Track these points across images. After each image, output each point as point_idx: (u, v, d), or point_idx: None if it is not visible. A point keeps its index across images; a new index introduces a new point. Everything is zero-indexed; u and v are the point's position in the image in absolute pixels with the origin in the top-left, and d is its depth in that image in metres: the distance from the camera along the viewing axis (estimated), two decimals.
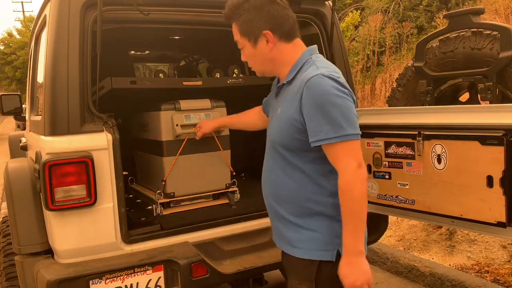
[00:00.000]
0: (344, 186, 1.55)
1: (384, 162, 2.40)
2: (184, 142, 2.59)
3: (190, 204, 2.72)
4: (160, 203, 2.60)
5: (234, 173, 2.79)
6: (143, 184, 3.08)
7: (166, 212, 2.62)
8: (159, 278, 2.23)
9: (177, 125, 2.57)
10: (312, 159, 1.65)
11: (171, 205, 2.68)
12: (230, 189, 2.78)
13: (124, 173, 2.26)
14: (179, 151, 2.59)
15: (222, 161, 2.73)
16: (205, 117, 2.65)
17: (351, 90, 1.63)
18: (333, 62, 2.79)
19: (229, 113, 2.71)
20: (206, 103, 2.70)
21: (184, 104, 2.63)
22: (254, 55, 1.75)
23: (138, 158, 3.12)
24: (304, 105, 1.58)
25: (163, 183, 2.60)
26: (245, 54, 1.79)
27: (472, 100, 2.91)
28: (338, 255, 1.63)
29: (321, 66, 1.64)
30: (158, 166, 2.69)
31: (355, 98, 1.66)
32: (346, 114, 1.55)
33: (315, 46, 1.79)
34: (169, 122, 2.59)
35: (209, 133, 2.58)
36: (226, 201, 2.79)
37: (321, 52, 2.83)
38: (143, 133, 2.89)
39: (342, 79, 1.62)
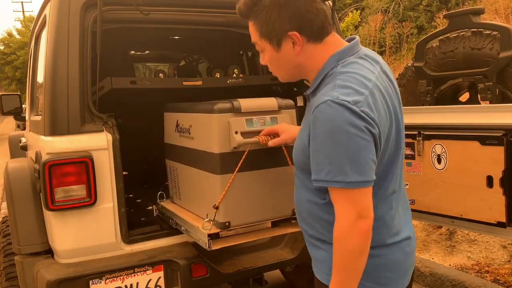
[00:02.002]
0: (337, 234, 1.33)
1: None
2: (244, 155, 2.00)
3: (244, 234, 2.11)
4: (209, 235, 2.01)
5: None
6: (181, 205, 2.48)
7: (216, 246, 2.02)
8: (159, 278, 2.22)
9: (236, 132, 1.99)
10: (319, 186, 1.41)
11: (221, 235, 2.06)
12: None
13: (124, 173, 2.26)
14: (238, 167, 2.01)
15: (290, 180, 2.01)
16: (270, 121, 2.07)
17: (372, 118, 1.28)
18: None
19: None
20: (272, 102, 2.12)
21: (244, 104, 2.04)
22: (277, 60, 1.47)
23: (173, 170, 2.52)
24: (311, 135, 1.35)
25: (215, 210, 2.02)
26: (266, 58, 1.50)
27: (472, 100, 2.91)
28: None
29: (339, 85, 1.32)
30: (207, 185, 2.12)
31: (376, 128, 1.30)
32: (353, 155, 1.27)
33: (352, 44, 1.44)
34: (225, 129, 2.00)
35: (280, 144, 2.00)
36: (289, 229, 2.18)
37: None
38: (183, 140, 2.32)
39: (364, 104, 1.27)
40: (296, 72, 1.49)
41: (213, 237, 2.00)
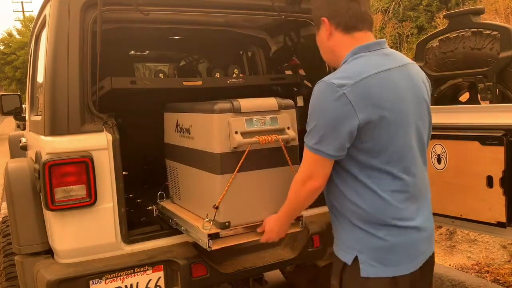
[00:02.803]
0: (293, 181, 1.72)
1: None
2: (244, 155, 2.02)
3: (244, 234, 2.12)
4: (209, 235, 2.03)
5: None
6: (181, 205, 2.48)
7: (216, 246, 2.04)
8: (159, 278, 2.23)
9: (236, 132, 2.01)
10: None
11: (221, 235, 2.07)
12: (298, 215, 2.15)
13: (124, 173, 2.26)
14: (238, 167, 2.03)
15: (289, 179, 2.04)
16: (270, 121, 2.09)
17: (352, 102, 1.50)
18: None
19: None
20: (272, 102, 2.13)
21: (244, 104, 2.06)
22: (319, 44, 1.79)
23: (173, 170, 2.53)
24: None
25: (215, 209, 2.04)
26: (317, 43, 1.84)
27: (472, 100, 2.91)
28: (356, 261, 1.62)
29: (340, 71, 1.62)
30: (207, 185, 2.13)
31: (354, 113, 1.51)
32: (322, 128, 1.56)
33: (375, 42, 1.67)
34: (225, 129, 2.01)
35: None
36: (290, 229, 2.12)
37: None
38: (183, 140, 2.33)
39: (349, 88, 1.50)
40: (330, 56, 1.77)
41: (213, 237, 2.01)
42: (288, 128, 2.12)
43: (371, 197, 1.58)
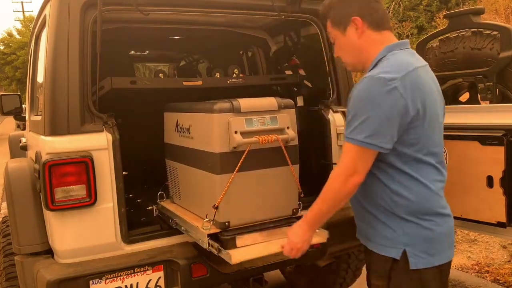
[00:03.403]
0: (332, 176, 1.67)
1: None
2: (244, 155, 2.01)
3: (264, 245, 2.09)
4: (209, 235, 2.03)
5: (302, 195, 2.25)
6: (180, 205, 2.48)
7: (236, 259, 1.99)
8: (159, 278, 2.22)
9: (235, 132, 2.00)
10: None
11: (221, 236, 2.06)
12: (298, 215, 2.21)
13: (124, 173, 2.26)
14: (237, 167, 2.02)
15: (289, 179, 2.17)
16: (270, 121, 2.09)
17: (417, 97, 1.58)
18: (333, 62, 2.80)
19: None
20: (271, 102, 2.13)
21: (244, 103, 2.05)
22: (344, 45, 1.78)
23: (173, 170, 2.52)
24: (348, 104, 1.67)
25: (215, 209, 2.04)
26: (337, 46, 1.82)
27: (472, 100, 2.91)
28: (404, 255, 1.65)
29: (384, 66, 1.64)
30: (207, 185, 2.13)
31: (405, 104, 1.56)
32: (375, 121, 1.56)
33: (406, 41, 1.77)
34: (225, 128, 2.00)
35: None
36: (315, 239, 2.06)
37: (321, 52, 2.84)
38: (183, 140, 2.32)
39: (399, 82, 1.55)
40: (358, 57, 1.77)
41: (229, 245, 1.99)
42: (288, 128, 2.12)
43: (418, 188, 1.64)
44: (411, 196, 1.64)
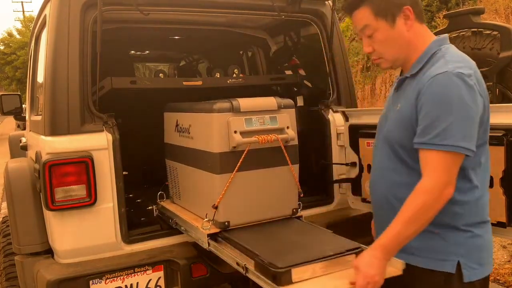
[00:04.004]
0: (420, 192, 1.41)
1: None
2: (243, 155, 2.00)
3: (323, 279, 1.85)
4: (209, 235, 2.02)
5: (302, 195, 2.24)
6: (180, 204, 2.47)
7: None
8: (159, 278, 2.22)
9: (235, 132, 1.99)
10: None
11: (219, 236, 2.05)
12: (298, 215, 2.22)
13: (124, 173, 2.26)
14: (237, 167, 2.01)
15: (288, 179, 2.16)
16: (270, 120, 2.07)
17: (479, 92, 1.44)
18: (333, 62, 2.80)
19: None
20: (271, 102, 2.11)
21: (244, 103, 2.04)
22: (391, 38, 1.56)
23: (173, 170, 2.52)
24: (421, 103, 1.45)
25: (214, 209, 2.03)
26: (377, 40, 1.58)
27: None
28: (458, 267, 1.50)
29: (452, 60, 1.46)
30: (207, 185, 2.12)
31: (482, 102, 1.46)
32: (464, 122, 1.39)
33: (447, 35, 1.61)
34: (225, 128, 2.00)
35: None
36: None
37: (321, 52, 2.84)
38: (183, 140, 2.31)
39: (474, 79, 1.43)
40: (404, 51, 1.58)
41: (283, 280, 1.54)
42: (288, 127, 2.11)
43: (477, 194, 1.52)
44: (470, 204, 1.50)
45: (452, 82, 1.40)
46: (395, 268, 1.52)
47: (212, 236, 2.02)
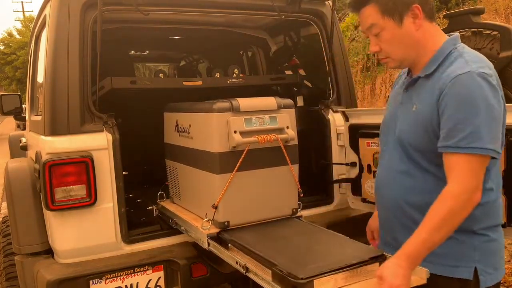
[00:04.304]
0: (448, 197, 1.36)
1: None
2: (243, 155, 2.00)
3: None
4: (208, 235, 2.02)
5: (302, 194, 2.23)
6: (180, 204, 2.47)
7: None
8: (159, 278, 2.22)
9: (235, 132, 1.99)
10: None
11: (219, 236, 2.04)
12: (298, 215, 2.22)
13: (124, 173, 2.26)
14: (237, 167, 2.01)
15: (288, 179, 2.16)
16: (269, 120, 2.07)
17: (501, 94, 1.42)
18: (333, 62, 2.80)
19: None
20: (271, 102, 2.11)
21: (243, 103, 2.04)
22: (398, 38, 1.51)
23: (173, 170, 2.52)
24: (443, 104, 1.40)
25: (214, 209, 2.03)
26: (384, 39, 1.53)
27: None
28: (475, 274, 1.46)
29: (471, 60, 1.43)
30: (207, 185, 2.12)
31: (502, 104, 1.43)
32: (491, 124, 1.35)
33: (458, 34, 1.58)
34: (224, 128, 2.00)
35: None
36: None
37: (321, 52, 2.84)
38: (183, 140, 2.31)
39: (495, 79, 1.42)
40: (413, 51, 1.53)
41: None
42: (287, 127, 2.11)
43: (493, 196, 1.49)
44: (487, 206, 1.46)
45: (476, 83, 1.36)
46: (419, 277, 1.44)
47: (212, 236, 2.01)
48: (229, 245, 1.93)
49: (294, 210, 2.19)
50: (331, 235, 1.96)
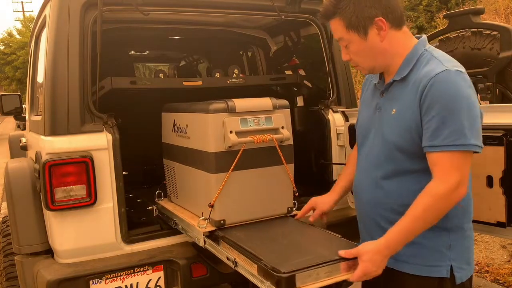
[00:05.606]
0: (432, 193, 1.41)
1: None
2: (239, 154, 2.03)
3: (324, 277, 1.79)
4: (205, 233, 2.05)
5: (297, 194, 2.26)
6: (178, 203, 2.49)
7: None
8: (159, 278, 2.23)
9: (230, 132, 2.02)
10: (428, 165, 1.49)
11: (215, 234, 2.06)
12: (293, 213, 2.24)
13: (124, 173, 2.26)
14: (232, 166, 2.05)
15: (284, 178, 2.19)
16: (265, 120, 2.10)
17: (474, 91, 1.46)
18: (333, 62, 2.80)
19: None
20: (266, 102, 2.15)
21: (239, 104, 2.08)
22: (365, 50, 1.55)
23: (170, 170, 2.56)
24: (425, 104, 1.42)
25: (210, 208, 2.05)
26: (352, 51, 1.58)
27: None
28: (451, 271, 1.51)
29: (444, 60, 1.48)
30: (203, 184, 2.15)
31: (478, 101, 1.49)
32: (473, 120, 1.39)
33: (425, 36, 1.61)
34: (220, 128, 2.03)
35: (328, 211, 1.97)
36: None
37: (321, 52, 2.84)
38: (180, 140, 2.34)
39: (468, 77, 1.45)
40: (381, 59, 1.57)
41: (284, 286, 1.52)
42: (283, 127, 2.13)
43: (469, 194, 1.53)
44: (465, 203, 1.50)
45: (454, 80, 1.40)
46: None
47: (208, 234, 2.04)
48: (220, 241, 1.96)
49: (289, 208, 2.21)
50: (321, 233, 1.98)
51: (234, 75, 2.95)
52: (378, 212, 1.62)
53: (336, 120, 2.71)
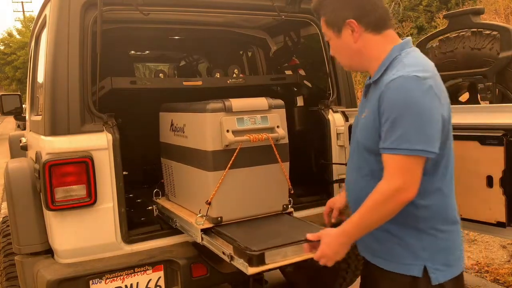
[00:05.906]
0: (379, 192, 1.47)
1: None
2: (235, 153, 2.08)
3: (287, 255, 1.94)
4: (202, 230, 2.10)
5: (292, 191, 2.31)
6: (175, 202, 2.53)
7: (254, 270, 1.90)
8: (159, 278, 2.23)
9: (227, 131, 2.07)
10: None
11: (212, 231, 2.12)
12: (288, 211, 2.30)
13: (124, 173, 2.26)
14: (229, 164, 2.09)
15: (279, 176, 2.24)
16: (261, 120, 2.17)
17: (438, 95, 1.47)
18: (333, 62, 2.80)
19: None
20: (262, 102, 2.21)
21: (236, 103, 2.13)
22: (340, 47, 1.64)
23: (168, 168, 2.59)
24: (381, 108, 1.48)
25: (208, 205, 2.11)
26: (332, 46, 1.69)
27: (472, 100, 2.91)
28: (425, 271, 1.53)
29: (409, 64, 1.49)
30: (200, 182, 2.20)
31: (442, 106, 1.50)
32: (423, 125, 1.41)
33: (409, 39, 1.64)
34: (217, 127, 2.08)
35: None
36: None
37: (321, 52, 2.84)
38: (178, 139, 2.39)
39: (431, 81, 1.46)
40: (356, 59, 1.64)
41: (255, 262, 1.74)
42: (278, 126, 2.19)
43: (438, 195, 1.54)
44: (432, 205, 1.53)
45: (407, 86, 1.43)
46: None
47: (206, 231, 2.09)
48: (212, 233, 2.07)
49: (284, 206, 2.28)
50: (305, 224, 2.08)
51: (234, 75, 2.95)
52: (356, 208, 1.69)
53: (336, 120, 2.71)
